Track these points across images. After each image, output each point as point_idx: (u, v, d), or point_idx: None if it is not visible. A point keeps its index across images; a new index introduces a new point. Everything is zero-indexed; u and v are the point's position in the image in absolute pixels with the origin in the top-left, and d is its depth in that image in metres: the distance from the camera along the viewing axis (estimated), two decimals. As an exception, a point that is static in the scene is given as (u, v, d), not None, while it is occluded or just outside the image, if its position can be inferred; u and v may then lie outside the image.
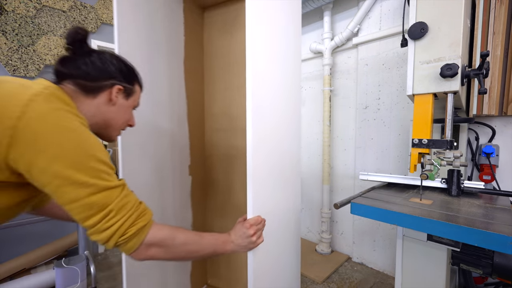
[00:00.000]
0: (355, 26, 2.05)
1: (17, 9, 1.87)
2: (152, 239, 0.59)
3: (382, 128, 2.01)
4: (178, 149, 1.47)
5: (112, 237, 0.54)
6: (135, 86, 0.73)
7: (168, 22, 1.36)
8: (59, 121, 0.50)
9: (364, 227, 2.13)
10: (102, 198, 0.52)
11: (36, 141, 0.47)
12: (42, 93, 0.50)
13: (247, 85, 0.85)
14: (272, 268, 1.05)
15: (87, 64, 0.63)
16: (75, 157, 0.50)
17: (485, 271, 0.92)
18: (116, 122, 0.69)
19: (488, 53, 0.90)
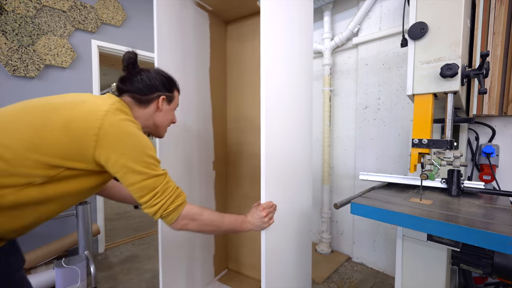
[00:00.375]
0: (355, 26, 2.05)
1: (17, 9, 1.87)
2: (186, 214, 0.79)
3: (382, 128, 2.01)
4: (204, 147, 1.67)
5: (158, 211, 0.74)
6: (174, 92, 0.95)
7: (197, 37, 1.57)
8: (123, 129, 0.71)
9: (364, 227, 2.13)
10: (151, 183, 0.72)
11: (111, 144, 0.68)
12: (110, 109, 0.71)
13: (261, 92, 1.00)
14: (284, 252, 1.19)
15: (138, 82, 0.84)
16: (134, 154, 0.70)
17: (485, 271, 0.92)
18: (163, 123, 0.93)
19: (488, 53, 0.90)
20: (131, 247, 2.47)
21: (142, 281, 1.90)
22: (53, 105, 0.68)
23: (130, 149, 0.70)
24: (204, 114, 1.66)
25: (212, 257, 1.77)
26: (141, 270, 2.05)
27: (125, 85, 0.85)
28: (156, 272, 2.02)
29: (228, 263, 1.94)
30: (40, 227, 2.10)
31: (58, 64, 2.05)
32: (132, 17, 2.47)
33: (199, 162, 1.63)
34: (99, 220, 2.34)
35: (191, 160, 1.56)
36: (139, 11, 2.51)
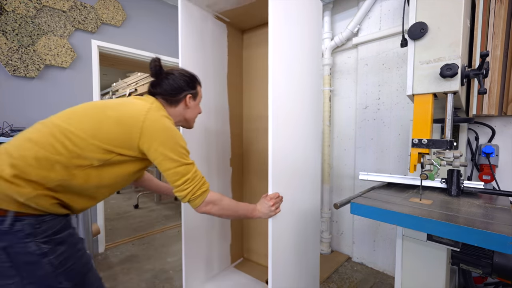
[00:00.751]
0: (355, 26, 2.05)
1: (17, 9, 1.87)
2: (209, 200, 0.93)
3: (382, 128, 2.01)
4: (222, 145, 1.83)
5: (187, 196, 0.89)
6: (197, 88, 1.07)
7: (215, 46, 1.73)
8: (162, 123, 0.85)
9: (364, 227, 2.13)
10: (182, 170, 0.87)
11: (151, 135, 0.83)
12: (151, 107, 0.87)
13: (269, 95, 1.14)
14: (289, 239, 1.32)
15: (166, 85, 0.98)
16: (170, 144, 0.85)
17: (485, 271, 0.92)
18: (192, 117, 1.08)
19: (488, 53, 0.90)
20: (131, 247, 2.47)
21: (142, 281, 1.90)
22: (109, 105, 0.86)
23: (166, 140, 0.84)
24: (222, 116, 1.83)
25: (228, 246, 1.94)
26: (141, 270, 2.05)
27: (156, 89, 0.99)
28: (156, 272, 2.02)
29: (244, 252, 2.10)
30: (40, 227, 2.10)
31: (58, 64, 2.05)
32: (132, 17, 2.47)
33: (217, 159, 1.81)
34: (99, 220, 2.34)
35: (210, 157, 1.75)
36: (139, 11, 2.51)
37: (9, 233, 0.68)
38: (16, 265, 0.69)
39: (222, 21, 1.77)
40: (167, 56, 2.72)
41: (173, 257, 2.25)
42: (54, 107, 2.07)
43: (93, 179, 0.80)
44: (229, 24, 1.83)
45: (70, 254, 0.77)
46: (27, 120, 1.95)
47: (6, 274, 0.69)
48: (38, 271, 0.71)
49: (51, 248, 0.73)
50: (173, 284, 1.86)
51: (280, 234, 1.24)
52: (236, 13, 1.68)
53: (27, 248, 0.69)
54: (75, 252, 0.79)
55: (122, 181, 0.88)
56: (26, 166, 0.70)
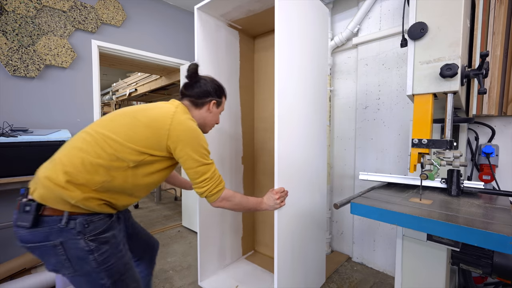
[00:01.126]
0: (355, 26, 2.05)
1: (17, 9, 1.87)
2: (224, 196, 1.02)
3: (382, 128, 2.01)
4: (234, 145, 1.97)
5: (204, 192, 0.98)
6: (222, 98, 1.17)
7: (228, 51, 1.88)
8: (187, 125, 0.93)
9: (364, 227, 2.13)
10: (202, 169, 0.95)
11: (178, 136, 0.91)
12: (177, 111, 0.95)
13: (275, 97, 1.27)
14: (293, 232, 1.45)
15: (197, 88, 1.08)
16: (193, 145, 0.93)
17: (485, 271, 0.92)
18: (210, 122, 1.15)
19: (487, 53, 0.90)
20: (131, 247, 2.47)
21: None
22: (139, 110, 0.94)
23: (190, 141, 0.92)
24: (235, 117, 1.97)
25: (240, 239, 2.10)
26: (141, 270, 2.05)
27: (187, 91, 1.09)
28: (156, 272, 2.02)
29: (255, 245, 2.27)
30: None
31: (58, 64, 2.05)
32: (132, 17, 2.47)
33: (230, 157, 1.95)
34: (99, 220, 2.34)
35: (224, 155, 1.89)
36: (139, 11, 2.51)
37: (65, 230, 0.79)
38: (70, 258, 0.81)
39: (235, 28, 1.91)
40: (167, 56, 2.73)
41: (173, 257, 2.25)
42: (54, 107, 2.07)
43: (130, 179, 0.89)
44: (241, 30, 1.96)
45: (112, 253, 0.86)
46: (27, 120, 1.95)
47: (64, 265, 0.81)
48: (86, 266, 0.82)
49: (96, 246, 0.82)
50: (173, 284, 1.86)
51: (284, 228, 1.36)
52: (248, 21, 1.80)
53: (78, 244, 0.80)
54: (117, 252, 0.88)
55: (155, 179, 0.96)
56: (76, 172, 0.81)
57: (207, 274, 1.78)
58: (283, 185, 1.34)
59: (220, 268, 1.91)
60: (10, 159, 1.52)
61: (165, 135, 0.89)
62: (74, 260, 0.81)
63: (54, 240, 0.79)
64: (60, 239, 0.79)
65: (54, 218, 0.79)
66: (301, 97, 1.46)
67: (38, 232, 0.78)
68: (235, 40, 1.92)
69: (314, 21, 1.52)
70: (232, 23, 1.84)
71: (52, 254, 0.80)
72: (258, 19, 1.77)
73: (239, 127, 2.01)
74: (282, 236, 1.34)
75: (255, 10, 1.66)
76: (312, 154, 1.59)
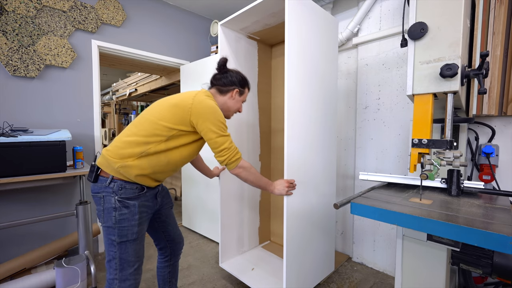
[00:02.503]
0: (355, 26, 2.05)
1: (17, 9, 1.87)
2: (241, 165, 1.18)
3: (382, 128, 2.01)
4: (252, 143, 2.18)
5: (225, 160, 1.13)
6: (245, 89, 1.32)
7: (248, 59, 2.09)
8: (206, 103, 1.10)
9: (364, 227, 2.13)
10: (220, 140, 1.11)
11: (198, 112, 1.08)
12: (198, 93, 1.14)
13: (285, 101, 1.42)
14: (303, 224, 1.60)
15: (225, 78, 1.26)
16: (212, 119, 1.09)
17: (485, 271, 0.92)
18: (232, 108, 1.30)
19: (487, 53, 0.90)
20: (131, 247, 2.47)
21: (142, 281, 1.90)
22: (170, 97, 1.15)
23: (209, 115, 1.08)
24: (253, 118, 2.17)
25: (257, 229, 2.29)
26: (141, 270, 2.05)
27: (216, 81, 1.27)
28: (156, 272, 2.02)
29: (271, 236, 2.44)
30: (40, 227, 2.10)
31: (58, 64, 2.05)
32: (132, 17, 2.47)
33: (248, 154, 2.14)
34: (99, 220, 2.35)
35: (243, 153, 2.07)
36: (139, 11, 2.51)
37: (107, 188, 1.04)
38: (104, 210, 1.04)
39: (253, 39, 2.12)
40: (167, 56, 2.73)
41: (173, 257, 2.25)
42: (54, 107, 2.07)
43: (162, 147, 1.08)
44: (260, 41, 2.17)
45: (127, 218, 1.04)
46: (27, 120, 1.95)
47: (100, 214, 1.05)
48: (109, 220, 1.03)
49: (119, 206, 1.03)
50: (173, 284, 1.86)
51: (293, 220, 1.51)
52: (265, 33, 2.02)
53: (110, 200, 1.03)
54: (132, 220, 1.05)
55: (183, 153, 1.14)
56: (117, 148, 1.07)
57: (226, 257, 2.01)
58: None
59: (238, 254, 2.12)
60: (10, 159, 1.52)
61: (188, 112, 1.07)
62: (105, 212, 1.04)
63: (101, 193, 1.05)
64: (104, 193, 1.04)
65: (104, 179, 1.06)
66: (311, 101, 1.59)
67: (95, 186, 1.07)
68: (254, 49, 2.14)
69: (324, 31, 1.67)
70: (251, 35, 2.05)
71: (98, 203, 1.06)
72: (274, 31, 1.98)
73: (257, 128, 2.22)
74: (291, 227, 1.49)
75: (270, 24, 1.86)
76: (321, 154, 1.72)
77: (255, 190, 2.25)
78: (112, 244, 1.04)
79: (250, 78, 2.02)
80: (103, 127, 6.41)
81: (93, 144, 2.27)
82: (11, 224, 1.65)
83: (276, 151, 2.33)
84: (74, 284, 1.61)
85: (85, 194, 1.91)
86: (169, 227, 1.32)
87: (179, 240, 1.39)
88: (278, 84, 2.28)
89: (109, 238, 1.04)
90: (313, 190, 1.66)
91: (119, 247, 1.04)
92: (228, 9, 2.82)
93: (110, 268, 1.05)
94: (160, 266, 1.38)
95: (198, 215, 2.72)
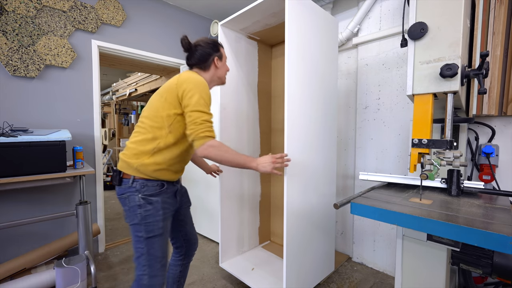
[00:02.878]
0: (355, 26, 2.05)
1: (17, 9, 1.87)
2: (210, 144, 1.04)
3: (382, 128, 2.01)
4: (252, 143, 2.18)
5: (191, 135, 1.04)
6: (221, 50, 1.26)
7: (248, 60, 2.08)
8: (190, 77, 1.08)
9: (364, 227, 2.13)
10: (194, 114, 1.04)
11: (181, 84, 1.06)
12: (184, 71, 1.15)
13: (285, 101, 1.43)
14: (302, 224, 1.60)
15: (197, 55, 1.20)
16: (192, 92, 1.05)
17: (485, 271, 0.92)
18: (223, 74, 1.29)
19: (487, 53, 0.90)
20: (131, 247, 2.47)
21: (142, 281, 1.90)
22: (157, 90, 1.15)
23: (192, 87, 1.05)
24: (253, 118, 2.17)
25: (257, 229, 2.29)
26: (141, 270, 2.05)
27: (190, 61, 1.22)
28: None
29: (271, 236, 2.45)
30: (40, 227, 2.10)
31: (58, 64, 2.05)
32: (132, 17, 2.47)
33: (248, 154, 2.05)
34: (99, 220, 2.35)
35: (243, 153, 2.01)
36: (139, 11, 2.51)
37: (130, 188, 1.07)
38: (129, 208, 1.07)
39: (253, 39, 2.11)
40: (168, 56, 2.72)
41: (173, 257, 2.25)
42: (54, 107, 2.07)
43: (171, 139, 1.09)
44: (260, 41, 2.17)
45: (152, 214, 1.06)
46: (27, 120, 1.95)
47: (127, 214, 1.09)
48: (135, 218, 1.06)
49: (144, 203, 1.06)
50: (173, 284, 1.86)
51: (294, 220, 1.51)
52: (265, 33, 2.01)
53: (134, 199, 1.06)
54: (156, 215, 1.07)
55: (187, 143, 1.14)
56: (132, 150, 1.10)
57: (227, 257, 2.01)
58: (293, 184, 1.47)
59: (239, 254, 2.12)
60: (10, 159, 1.52)
61: (175, 90, 1.07)
62: (131, 211, 1.07)
63: (125, 194, 1.08)
64: (128, 193, 1.07)
65: (127, 180, 1.09)
66: (311, 101, 1.59)
67: (120, 188, 1.10)
68: (254, 50, 2.14)
69: (324, 31, 1.67)
70: (251, 35, 2.05)
71: (124, 203, 1.09)
72: (274, 31, 1.97)
73: (257, 127, 2.22)
74: (291, 227, 1.49)
75: (271, 24, 1.85)
76: (322, 154, 1.72)
77: (255, 189, 2.24)
78: (140, 241, 1.06)
79: (250, 78, 2.12)
80: (103, 127, 6.41)
81: (93, 144, 2.27)
82: (11, 224, 1.65)
83: (276, 151, 2.34)
84: (74, 284, 1.61)
85: (85, 194, 1.91)
86: (186, 226, 1.34)
87: (194, 241, 1.39)
88: (278, 84, 2.28)
89: (137, 235, 1.07)
90: (313, 190, 1.66)
91: (147, 242, 1.06)
92: (228, 9, 2.82)
93: (139, 265, 1.08)
94: (173, 264, 1.38)
95: (198, 215, 2.73)
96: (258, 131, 2.23)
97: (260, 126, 2.24)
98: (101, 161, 2.34)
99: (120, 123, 6.24)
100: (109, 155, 5.25)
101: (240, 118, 2.04)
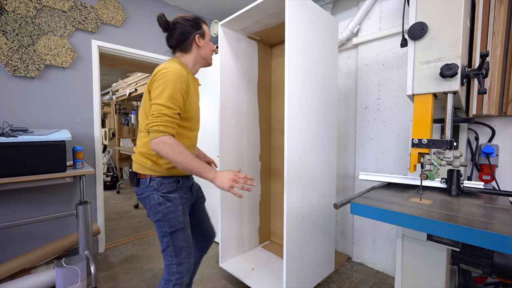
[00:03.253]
0: (355, 26, 2.05)
1: (17, 9, 1.87)
2: (164, 139, 0.98)
3: (382, 128, 2.01)
4: (252, 143, 2.19)
5: (148, 125, 1.00)
6: (203, 27, 1.17)
7: (248, 60, 2.09)
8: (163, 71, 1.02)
9: (364, 227, 2.13)
10: (156, 107, 1.00)
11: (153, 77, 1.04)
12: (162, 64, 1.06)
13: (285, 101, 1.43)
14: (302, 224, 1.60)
15: (176, 34, 1.13)
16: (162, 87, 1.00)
17: (485, 271, 0.92)
18: (207, 54, 1.20)
19: (487, 53, 0.90)
20: (131, 247, 2.47)
21: (142, 281, 1.90)
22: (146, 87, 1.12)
23: (159, 80, 1.01)
24: (253, 118, 2.18)
25: (257, 229, 2.30)
26: (141, 270, 2.05)
27: (170, 42, 1.16)
28: (156, 272, 2.02)
29: (271, 236, 2.46)
30: (40, 227, 2.10)
31: (58, 64, 2.05)
32: (132, 17, 2.47)
33: (248, 154, 2.16)
34: (99, 220, 2.35)
35: (243, 153, 2.10)
36: (139, 11, 2.51)
37: (148, 187, 1.10)
38: (151, 207, 1.11)
39: (254, 39, 2.12)
40: (167, 57, 2.72)
41: (173, 257, 2.25)
42: (54, 107, 2.07)
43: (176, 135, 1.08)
44: (260, 41, 2.18)
45: (172, 210, 1.10)
46: (27, 120, 1.95)
47: (149, 212, 1.12)
48: (157, 215, 1.10)
49: (163, 201, 1.09)
50: (173, 284, 1.86)
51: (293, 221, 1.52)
52: (265, 33, 2.02)
53: (154, 197, 1.10)
54: (176, 210, 1.11)
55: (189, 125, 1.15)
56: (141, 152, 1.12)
57: (226, 257, 2.02)
58: (292, 183, 1.47)
59: (238, 254, 2.13)
60: (10, 159, 1.52)
61: (150, 83, 1.05)
62: (152, 209, 1.10)
63: (145, 194, 1.11)
64: (147, 193, 1.10)
65: (144, 180, 1.11)
66: (311, 101, 1.60)
67: (138, 189, 1.13)
68: (254, 50, 2.14)
69: (324, 31, 1.68)
70: (251, 35, 2.06)
71: (144, 203, 1.13)
72: (274, 31, 1.98)
73: (257, 127, 2.23)
74: (291, 228, 1.50)
75: (271, 24, 1.86)
76: (322, 154, 1.73)
77: (255, 190, 2.26)
78: (165, 235, 1.11)
79: (250, 78, 2.13)
80: (103, 127, 6.41)
81: (93, 144, 2.27)
82: (11, 224, 1.65)
83: (276, 151, 2.34)
84: (74, 284, 1.61)
85: (85, 194, 1.91)
86: (204, 222, 1.37)
87: (212, 234, 1.42)
88: (278, 84, 2.28)
89: (161, 230, 1.11)
90: (313, 190, 1.66)
91: (171, 236, 1.11)
92: (228, 9, 2.82)
93: (166, 256, 1.13)
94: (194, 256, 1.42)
95: (198, 215, 2.73)
96: (258, 131, 2.24)
97: (260, 126, 2.25)
98: (101, 161, 2.34)
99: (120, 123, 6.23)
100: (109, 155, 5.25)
101: (240, 118, 2.04)
